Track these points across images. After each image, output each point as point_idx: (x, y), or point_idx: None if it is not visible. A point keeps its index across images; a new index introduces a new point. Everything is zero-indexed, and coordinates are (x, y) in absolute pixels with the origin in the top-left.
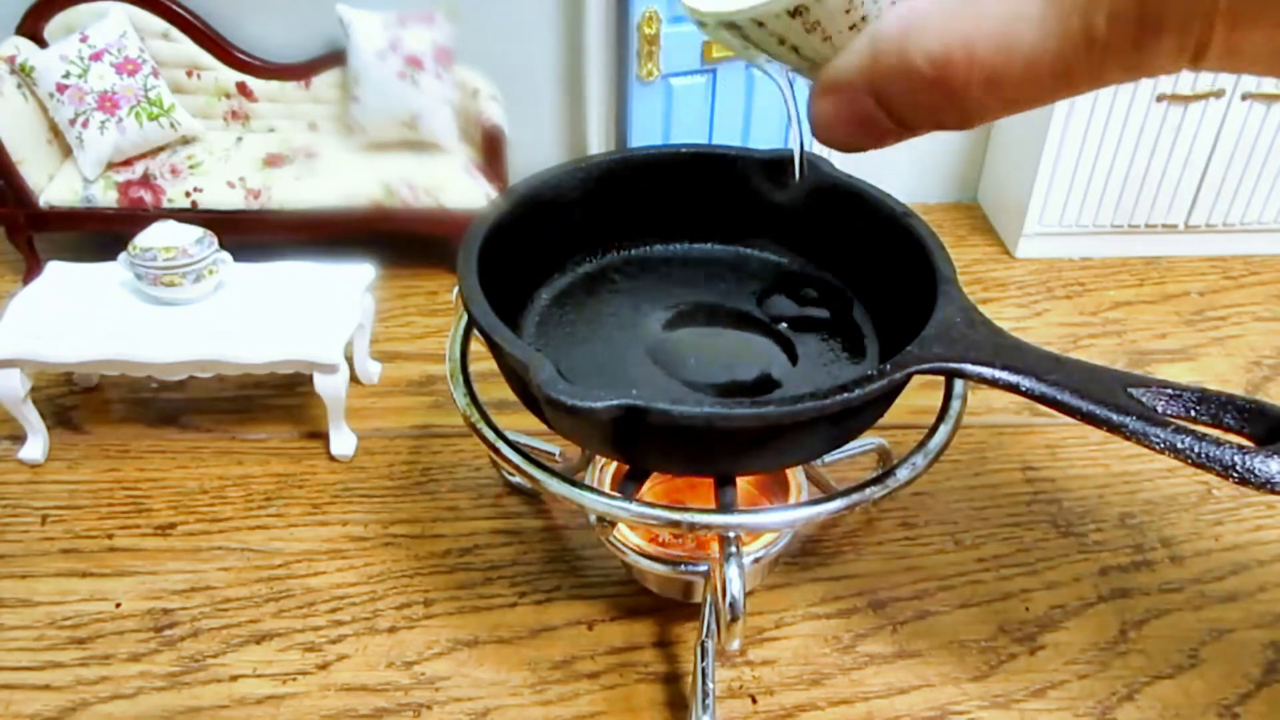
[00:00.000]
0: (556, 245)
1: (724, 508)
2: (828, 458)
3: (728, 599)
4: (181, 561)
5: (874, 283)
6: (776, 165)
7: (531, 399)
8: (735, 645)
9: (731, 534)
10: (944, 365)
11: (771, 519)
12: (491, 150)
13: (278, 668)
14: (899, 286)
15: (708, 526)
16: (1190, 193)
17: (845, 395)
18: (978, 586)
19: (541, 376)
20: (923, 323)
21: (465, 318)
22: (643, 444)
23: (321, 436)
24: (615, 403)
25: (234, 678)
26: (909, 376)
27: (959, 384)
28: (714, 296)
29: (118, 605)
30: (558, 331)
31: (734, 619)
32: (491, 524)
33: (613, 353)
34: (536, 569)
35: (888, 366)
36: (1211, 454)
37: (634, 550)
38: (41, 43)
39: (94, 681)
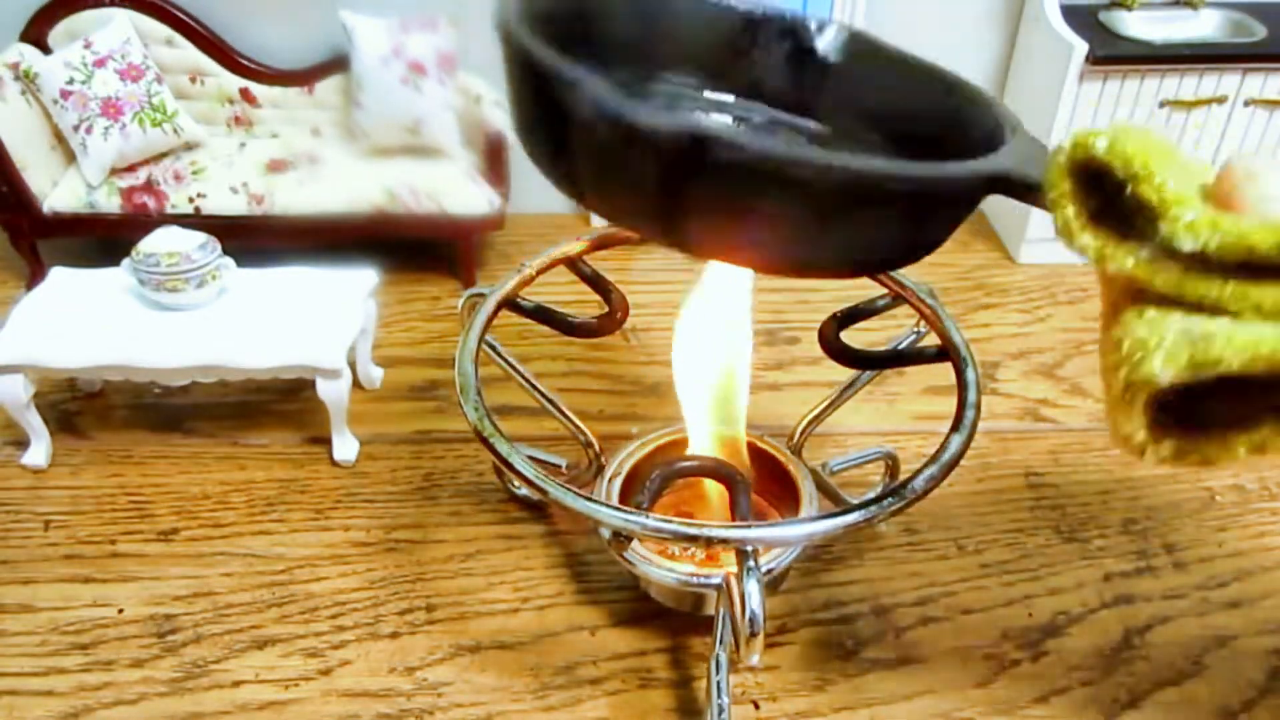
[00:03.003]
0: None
1: (742, 521)
2: (835, 464)
3: (747, 614)
4: (184, 567)
5: (924, 146)
6: (809, 29)
7: (569, 151)
8: (755, 660)
9: (749, 548)
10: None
11: (791, 532)
12: (494, 156)
13: (280, 673)
14: (950, 146)
15: (725, 541)
16: None
17: (951, 167)
18: (980, 592)
19: (599, 88)
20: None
21: (473, 329)
22: (701, 203)
23: (324, 441)
24: (689, 127)
25: (236, 683)
26: (991, 179)
27: (972, 393)
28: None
29: (120, 611)
30: None
31: (754, 634)
32: (494, 529)
33: None
34: (539, 574)
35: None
36: None
37: (645, 562)
38: (45, 49)
39: (97, 687)
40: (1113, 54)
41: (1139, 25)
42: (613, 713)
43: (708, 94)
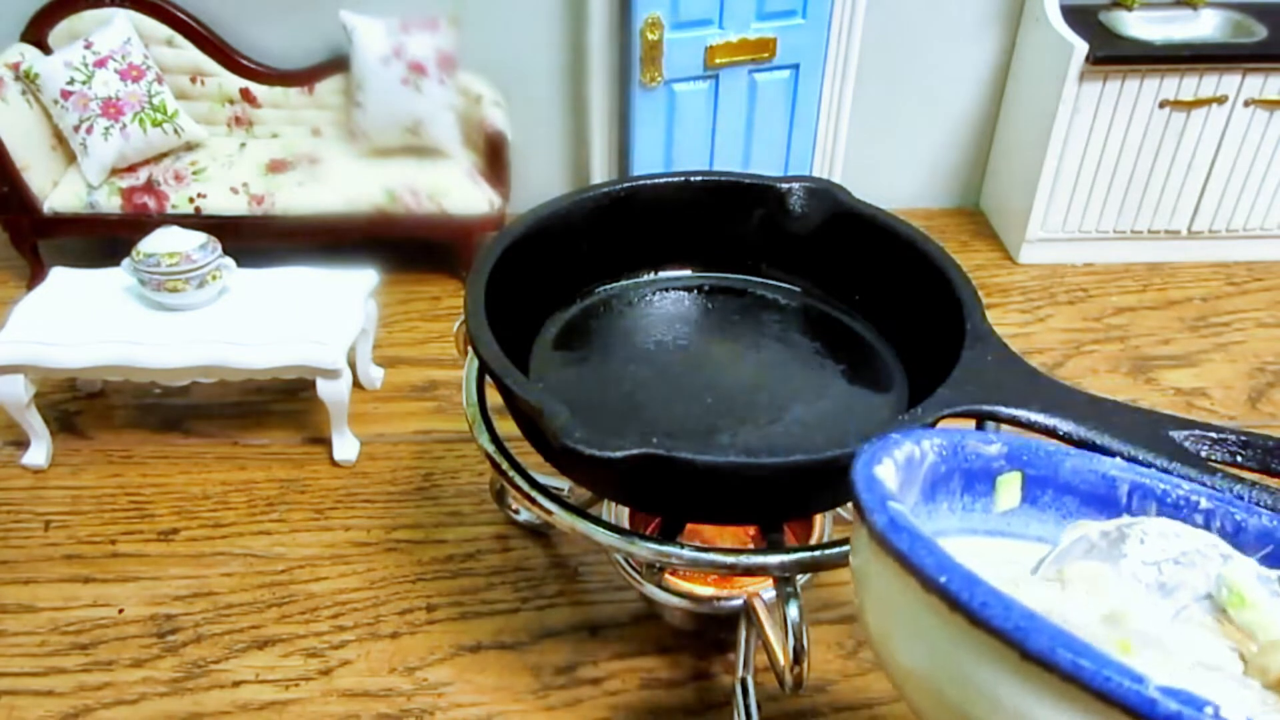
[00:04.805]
0: (563, 276)
1: (776, 547)
2: None
3: (790, 641)
4: (184, 567)
5: (895, 311)
6: (791, 194)
7: (543, 443)
8: (801, 689)
9: (787, 574)
10: (977, 408)
11: (827, 555)
12: (494, 155)
13: (280, 673)
14: (922, 315)
15: (764, 568)
16: (1193, 199)
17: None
18: None
19: (557, 424)
20: (951, 359)
21: (474, 361)
22: (665, 492)
23: (324, 442)
24: (635, 451)
25: (237, 683)
26: (938, 420)
27: None
28: (730, 327)
29: (120, 611)
30: (569, 365)
31: (798, 660)
32: (494, 529)
33: (627, 388)
34: (539, 574)
35: (919, 410)
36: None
37: (670, 591)
38: (46, 49)
39: (97, 687)
40: (1113, 54)
41: (1139, 25)
42: (613, 713)
43: (667, 273)
